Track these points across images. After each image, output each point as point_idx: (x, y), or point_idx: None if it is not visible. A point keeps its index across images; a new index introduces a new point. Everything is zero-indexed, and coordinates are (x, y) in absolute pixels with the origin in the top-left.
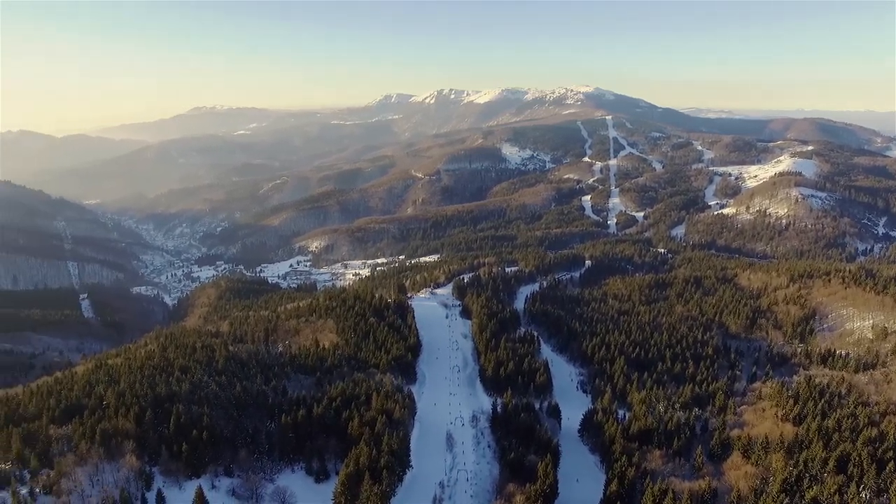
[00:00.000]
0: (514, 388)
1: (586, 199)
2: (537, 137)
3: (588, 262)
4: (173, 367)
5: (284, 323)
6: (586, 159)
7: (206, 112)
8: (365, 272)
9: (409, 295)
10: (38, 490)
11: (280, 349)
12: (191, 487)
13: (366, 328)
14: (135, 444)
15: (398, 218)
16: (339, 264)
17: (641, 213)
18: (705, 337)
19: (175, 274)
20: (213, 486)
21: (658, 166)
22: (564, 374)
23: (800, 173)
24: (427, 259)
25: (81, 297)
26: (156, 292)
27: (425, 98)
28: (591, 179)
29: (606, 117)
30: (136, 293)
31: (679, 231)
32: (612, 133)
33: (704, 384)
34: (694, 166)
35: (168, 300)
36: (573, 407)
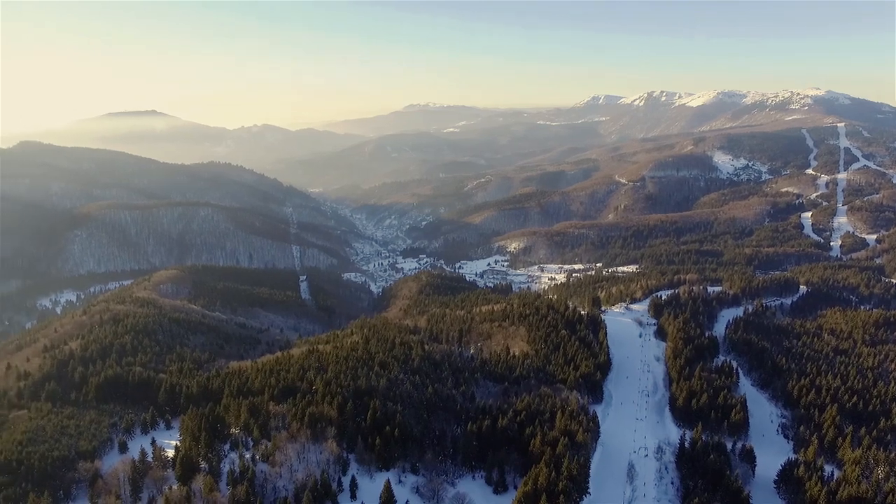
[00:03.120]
0: (705, 423)
1: (806, 217)
2: (754, 145)
3: (802, 289)
4: (374, 360)
5: (478, 325)
6: (809, 171)
7: (419, 109)
8: (560, 277)
9: (602, 308)
10: (258, 457)
11: (472, 351)
12: (380, 479)
13: (556, 340)
14: (336, 430)
15: (598, 224)
16: (536, 267)
17: (874, 237)
18: None
19: (381, 263)
20: (400, 481)
21: None
22: (764, 413)
23: None
24: (625, 269)
25: (301, 278)
26: (363, 279)
27: (634, 100)
28: (814, 194)
29: (838, 125)
30: (346, 279)
31: None
32: (844, 142)
33: None
34: None
35: (374, 288)
36: (770, 453)
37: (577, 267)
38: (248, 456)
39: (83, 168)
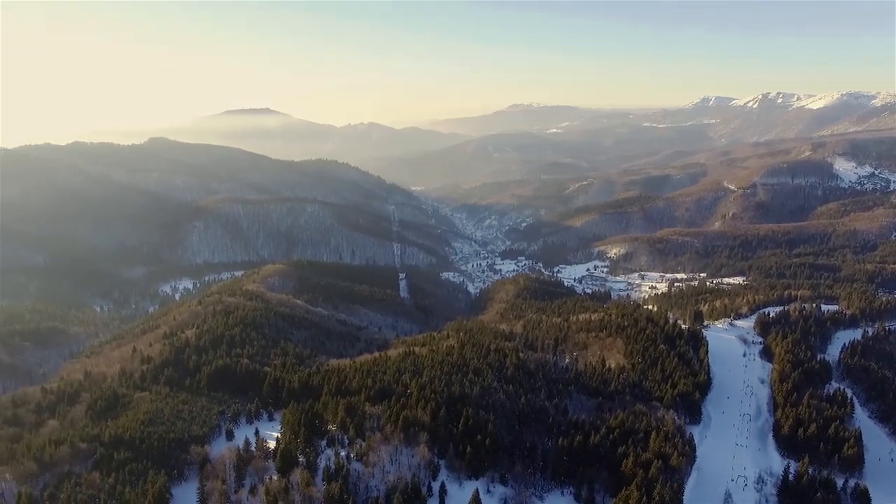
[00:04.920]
0: (812, 455)
1: None
2: (882, 152)
3: None
4: (468, 367)
5: (574, 335)
6: None
7: (522, 109)
8: (662, 286)
9: (704, 323)
10: (352, 456)
11: (567, 361)
12: (469, 487)
13: (655, 355)
14: (428, 436)
15: (703, 232)
16: (636, 274)
17: None
18: None
19: (480, 264)
20: (489, 491)
21: None
22: (882, 450)
23: None
24: (730, 281)
25: (400, 276)
26: (461, 279)
27: (747, 101)
28: None
29: None
30: (445, 278)
31: None
32: None
33: None
34: None
35: (471, 288)
36: (888, 495)
37: (679, 276)
38: (343, 454)
39: (202, 163)
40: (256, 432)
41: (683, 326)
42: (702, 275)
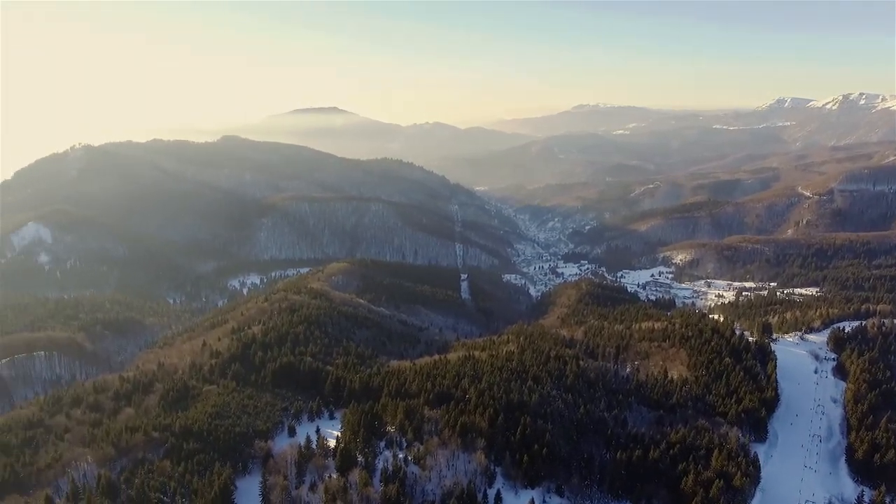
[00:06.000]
0: (890, 484)
1: None
2: None
3: None
4: (527, 374)
5: (636, 343)
6: None
7: (588, 110)
8: (729, 295)
9: (773, 336)
10: (410, 458)
11: (628, 371)
12: (524, 496)
13: (719, 368)
14: (485, 442)
15: (775, 239)
16: (703, 282)
17: None
18: None
19: (542, 266)
20: (544, 501)
21: None
22: None
23: None
24: (802, 292)
25: (462, 277)
26: (523, 282)
27: (826, 103)
28: None
29: None
30: (506, 280)
31: None
32: None
33: None
34: None
35: (533, 291)
36: None
37: (747, 285)
38: (401, 456)
39: (271, 161)
40: (317, 430)
41: (751, 339)
42: (772, 284)
